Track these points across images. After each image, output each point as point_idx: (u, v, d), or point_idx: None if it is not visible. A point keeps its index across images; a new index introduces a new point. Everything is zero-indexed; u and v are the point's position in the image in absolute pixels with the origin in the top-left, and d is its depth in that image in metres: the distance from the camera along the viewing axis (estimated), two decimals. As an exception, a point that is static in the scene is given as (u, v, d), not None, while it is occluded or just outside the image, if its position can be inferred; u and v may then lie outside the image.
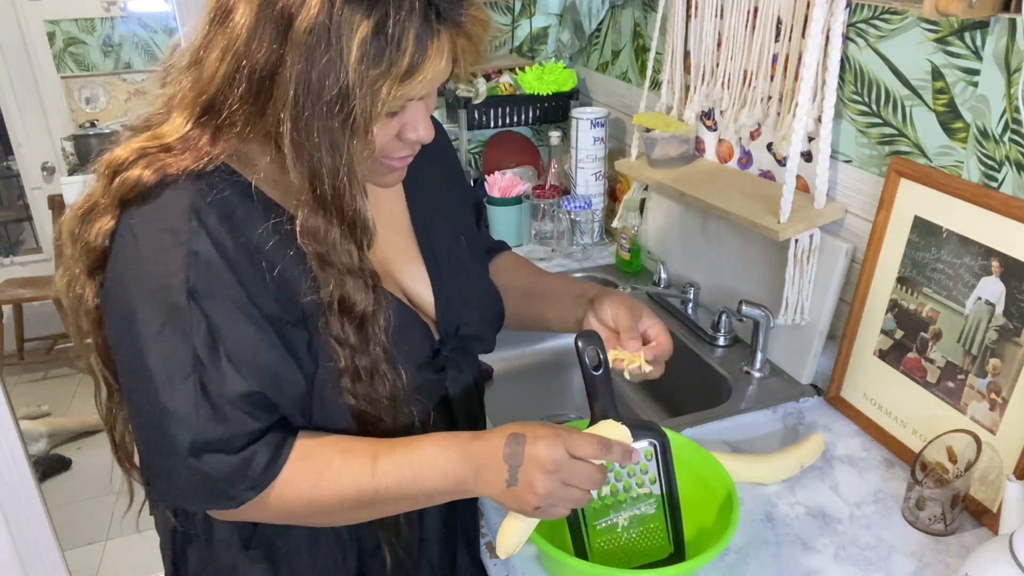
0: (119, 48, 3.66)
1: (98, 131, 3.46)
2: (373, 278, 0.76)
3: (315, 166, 0.67)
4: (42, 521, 1.70)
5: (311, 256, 0.72)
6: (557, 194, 1.83)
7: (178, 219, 0.70)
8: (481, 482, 0.73)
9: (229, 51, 0.66)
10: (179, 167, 0.71)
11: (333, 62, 0.63)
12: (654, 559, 0.90)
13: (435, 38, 0.66)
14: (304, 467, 0.74)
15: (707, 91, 1.45)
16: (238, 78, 0.66)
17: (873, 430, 1.16)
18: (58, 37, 3.54)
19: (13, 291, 3.48)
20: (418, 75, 0.67)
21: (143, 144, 0.73)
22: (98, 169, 0.74)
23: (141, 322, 0.69)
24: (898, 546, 0.96)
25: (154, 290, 0.70)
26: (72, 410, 3.31)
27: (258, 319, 0.72)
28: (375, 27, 0.63)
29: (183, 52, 0.73)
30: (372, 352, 0.77)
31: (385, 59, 0.64)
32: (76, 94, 3.64)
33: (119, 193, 0.72)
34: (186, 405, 0.69)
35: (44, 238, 3.71)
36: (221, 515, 0.79)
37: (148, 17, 3.65)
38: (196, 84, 0.70)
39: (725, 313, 1.42)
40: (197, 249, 0.70)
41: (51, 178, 3.63)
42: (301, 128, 0.66)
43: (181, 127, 0.72)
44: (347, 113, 0.65)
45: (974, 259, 1.00)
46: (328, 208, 0.70)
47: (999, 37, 0.94)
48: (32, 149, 3.61)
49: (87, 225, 0.74)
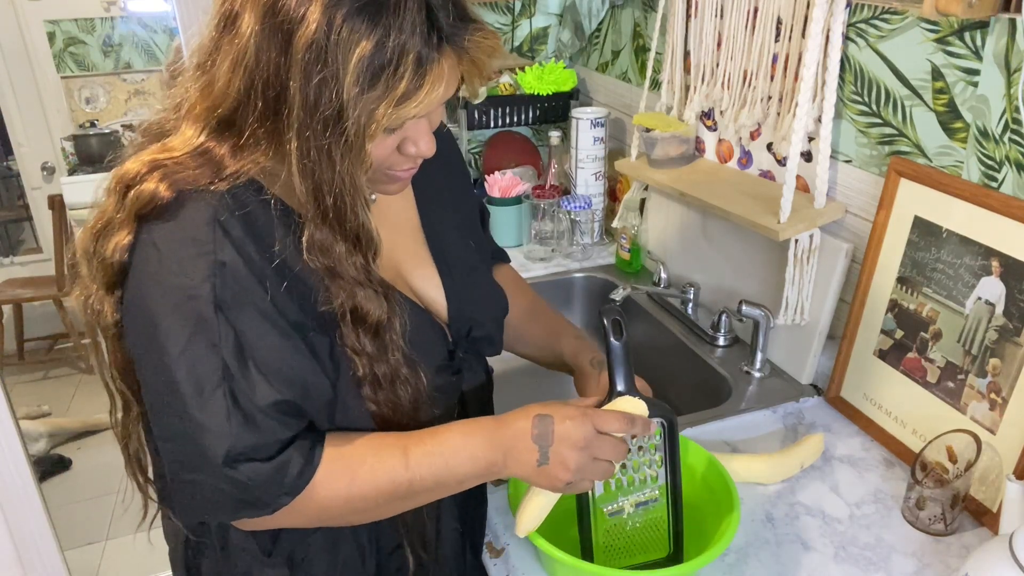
0: (119, 48, 3.66)
1: (98, 131, 3.47)
2: (383, 287, 0.76)
3: (316, 181, 0.67)
4: (42, 521, 1.70)
5: (320, 269, 0.73)
6: (557, 194, 1.83)
7: (201, 230, 0.69)
8: (511, 462, 0.77)
9: (240, 64, 0.66)
10: (197, 183, 0.70)
11: (328, 80, 0.62)
12: (653, 556, 0.91)
13: (436, 63, 0.65)
14: (338, 468, 0.75)
15: (707, 91, 1.45)
16: (254, 96, 0.66)
17: (873, 430, 1.16)
18: (58, 37, 3.55)
19: (13, 291, 3.48)
20: (414, 99, 0.66)
21: (154, 156, 0.72)
22: (108, 186, 0.73)
23: (167, 335, 0.68)
24: (898, 546, 0.96)
25: (179, 302, 0.69)
26: (72, 410, 3.31)
27: (284, 327, 0.72)
28: (374, 48, 0.62)
29: (191, 53, 0.73)
30: (391, 359, 0.78)
31: (382, 82, 0.63)
32: (76, 94, 3.64)
33: (135, 207, 0.70)
34: (218, 416, 0.68)
35: (44, 238, 3.72)
36: (250, 524, 0.78)
37: (148, 17, 3.65)
38: (207, 94, 0.70)
39: (725, 313, 1.42)
40: (223, 259, 0.69)
41: (51, 178, 3.63)
42: (303, 144, 0.65)
43: (193, 139, 0.71)
44: (341, 131, 0.64)
45: (974, 259, 1.00)
46: (332, 222, 0.70)
47: (999, 37, 0.94)
48: (32, 149, 3.62)
49: (102, 242, 0.72)
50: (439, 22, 0.65)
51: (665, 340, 1.52)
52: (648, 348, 1.60)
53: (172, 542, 0.93)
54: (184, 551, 0.90)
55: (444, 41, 0.66)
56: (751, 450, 1.14)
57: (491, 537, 0.98)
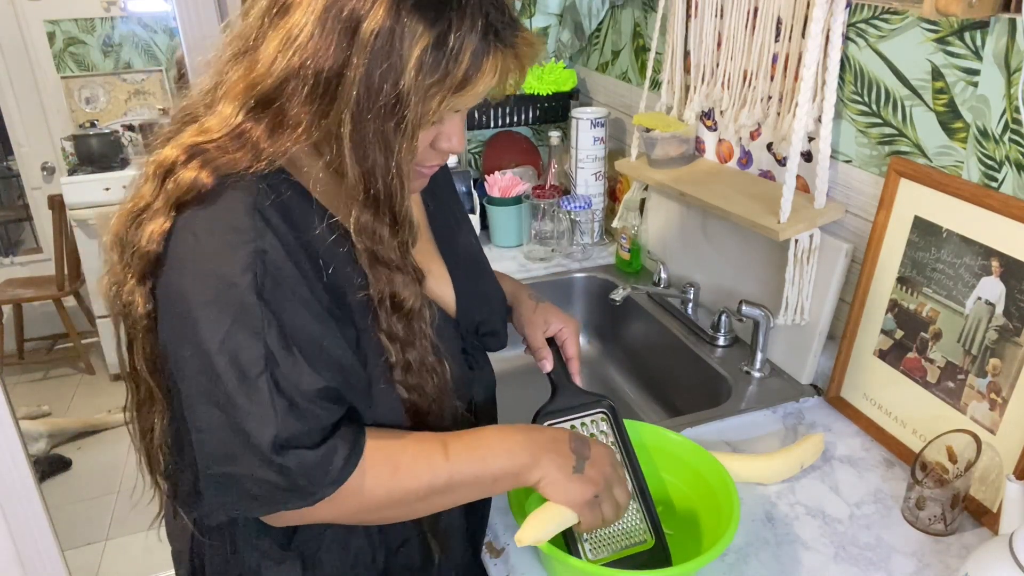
0: (119, 48, 3.66)
1: (98, 131, 3.46)
2: (418, 274, 0.78)
3: (370, 165, 0.69)
4: (42, 521, 1.70)
5: (363, 253, 0.74)
6: (557, 194, 1.83)
7: (242, 218, 0.70)
8: (547, 463, 0.80)
9: (289, 48, 0.66)
10: (236, 167, 0.71)
11: (393, 67, 0.65)
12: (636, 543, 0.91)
13: (490, 56, 0.69)
14: (381, 457, 0.75)
15: (707, 91, 1.45)
16: (302, 75, 0.66)
17: (873, 430, 1.16)
18: (58, 37, 3.55)
19: (13, 291, 3.48)
20: (470, 88, 0.69)
21: (193, 140, 0.72)
22: (146, 171, 0.74)
23: (207, 323, 0.68)
24: (898, 546, 0.96)
25: (220, 290, 0.68)
26: (72, 410, 3.31)
27: (323, 315, 0.73)
28: (436, 38, 0.65)
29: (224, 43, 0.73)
30: (420, 346, 0.79)
31: (441, 69, 0.67)
32: (76, 94, 3.64)
33: (175, 195, 0.71)
34: (263, 404, 0.68)
35: (44, 238, 3.71)
36: (281, 519, 0.77)
37: (148, 17, 3.65)
38: (248, 75, 0.70)
39: (725, 313, 1.42)
40: (264, 247, 0.69)
41: (51, 178, 3.63)
42: (360, 129, 0.67)
43: (231, 118, 0.71)
44: (400, 117, 0.67)
45: (974, 259, 1.00)
46: (380, 207, 0.72)
47: (999, 37, 0.94)
48: (32, 149, 3.61)
49: (137, 228, 0.72)
50: (494, 20, 0.69)
51: (665, 340, 1.52)
52: (648, 348, 1.60)
53: (177, 542, 0.92)
54: (190, 551, 0.89)
55: (497, 39, 0.69)
56: (751, 450, 1.14)
57: (491, 537, 0.99)
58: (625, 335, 1.70)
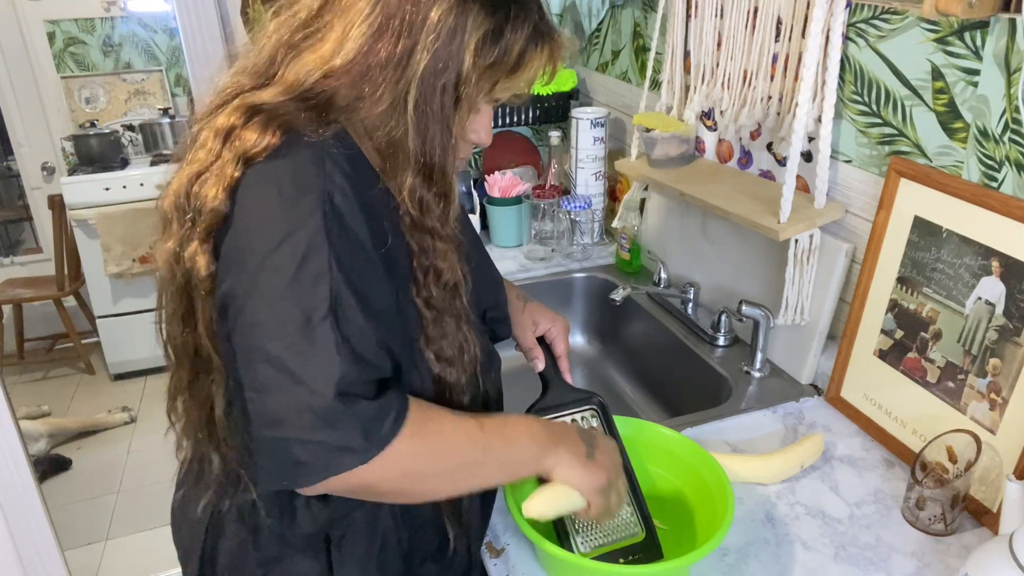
0: (119, 48, 3.66)
1: (98, 131, 3.45)
2: (458, 245, 0.82)
3: (430, 136, 0.75)
4: (42, 521, 1.70)
5: (411, 221, 0.78)
6: (557, 194, 1.83)
7: (309, 166, 0.71)
8: (563, 449, 0.83)
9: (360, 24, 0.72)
10: (300, 125, 0.72)
11: (457, 49, 0.73)
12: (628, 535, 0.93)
13: (538, 50, 0.78)
14: (425, 419, 0.74)
15: (707, 91, 1.45)
16: (378, 46, 0.72)
17: (873, 430, 1.16)
18: (58, 37, 3.55)
19: (13, 291, 3.48)
20: (521, 73, 0.78)
21: (253, 102, 0.74)
22: (204, 137, 0.75)
23: (271, 271, 0.68)
24: (898, 546, 0.96)
25: (286, 234, 0.69)
26: (72, 410, 3.31)
27: (380, 268, 0.74)
28: (495, 26, 0.74)
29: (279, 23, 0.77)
30: (455, 316, 0.83)
31: (497, 53, 0.75)
32: (76, 94, 3.64)
33: (241, 150, 0.72)
34: (327, 346, 0.67)
35: (44, 238, 3.71)
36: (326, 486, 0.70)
37: (148, 17, 3.65)
38: (317, 47, 0.74)
39: (725, 313, 1.42)
40: (330, 192, 0.71)
41: (51, 178, 3.63)
42: (422, 102, 0.73)
43: (295, 86, 0.74)
44: (458, 95, 0.74)
45: (974, 259, 1.00)
46: (432, 177, 0.77)
47: (999, 37, 0.94)
48: (32, 149, 3.61)
49: (202, 187, 0.73)
50: (541, 17, 0.78)
51: (665, 340, 1.52)
52: (648, 348, 1.60)
53: (187, 533, 0.91)
54: (203, 541, 0.88)
55: (545, 35, 0.78)
56: (751, 450, 1.14)
57: (491, 537, 0.98)
58: (625, 335, 1.70)
